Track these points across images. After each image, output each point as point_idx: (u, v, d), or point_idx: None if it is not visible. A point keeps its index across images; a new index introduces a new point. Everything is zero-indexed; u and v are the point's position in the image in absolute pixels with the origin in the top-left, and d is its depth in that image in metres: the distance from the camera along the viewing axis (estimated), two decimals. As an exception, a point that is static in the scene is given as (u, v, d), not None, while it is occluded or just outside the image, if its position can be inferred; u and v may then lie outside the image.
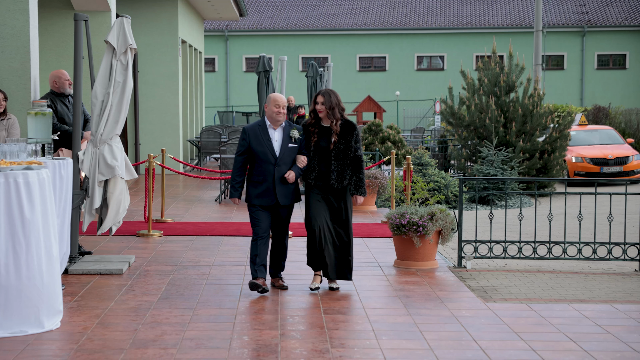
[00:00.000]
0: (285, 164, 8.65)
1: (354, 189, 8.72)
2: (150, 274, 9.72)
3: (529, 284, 9.43)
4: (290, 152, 8.67)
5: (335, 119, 8.67)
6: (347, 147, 8.67)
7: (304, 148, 8.75)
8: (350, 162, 8.69)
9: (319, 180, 8.70)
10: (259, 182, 8.65)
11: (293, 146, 8.68)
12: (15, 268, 7.15)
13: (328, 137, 8.70)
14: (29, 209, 7.19)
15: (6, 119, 9.96)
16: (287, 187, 8.68)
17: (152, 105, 23.16)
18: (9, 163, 7.44)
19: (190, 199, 17.48)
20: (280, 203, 8.67)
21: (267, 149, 8.60)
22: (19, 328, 7.16)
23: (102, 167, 9.91)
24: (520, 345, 6.93)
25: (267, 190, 8.64)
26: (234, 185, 8.72)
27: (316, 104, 8.73)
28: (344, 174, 8.66)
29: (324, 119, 8.74)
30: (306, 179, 8.77)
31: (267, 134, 8.64)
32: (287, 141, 8.66)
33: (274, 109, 8.64)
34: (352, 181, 8.70)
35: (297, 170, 8.70)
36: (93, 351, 6.66)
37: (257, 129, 8.67)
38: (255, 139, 8.63)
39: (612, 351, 6.76)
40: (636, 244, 10.32)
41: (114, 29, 9.91)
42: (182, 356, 6.53)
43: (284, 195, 8.67)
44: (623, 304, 8.48)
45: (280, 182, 8.63)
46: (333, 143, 8.66)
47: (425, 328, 7.44)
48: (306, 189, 8.84)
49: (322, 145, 8.70)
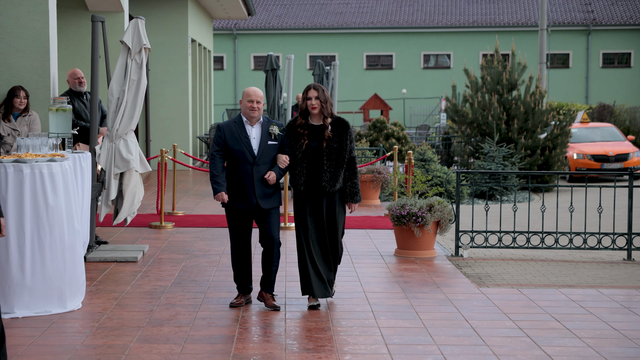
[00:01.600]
0: (265, 163, 7.85)
1: (348, 197, 7.99)
2: (164, 262, 10.28)
3: (521, 271, 9.97)
4: (270, 150, 7.87)
5: (327, 116, 7.91)
6: (341, 146, 7.89)
7: (286, 146, 7.95)
8: (344, 163, 7.92)
9: (309, 184, 7.90)
10: (236, 183, 7.85)
11: (273, 143, 7.89)
12: (40, 252, 7.71)
13: (319, 136, 7.89)
14: (52, 197, 7.75)
15: (28, 115, 10.51)
16: (268, 188, 7.87)
17: (163, 102, 23.75)
18: (34, 155, 7.99)
19: (200, 193, 18.04)
20: (261, 206, 7.86)
21: (244, 147, 7.81)
22: (44, 308, 7.72)
23: (118, 161, 10.47)
24: (508, 324, 7.47)
25: (245, 192, 7.83)
26: (216, 180, 7.84)
27: (308, 99, 7.90)
28: (337, 175, 7.87)
29: (314, 117, 7.94)
30: (294, 185, 7.94)
31: (245, 131, 7.85)
32: (267, 138, 7.87)
33: (247, 103, 7.85)
34: (346, 187, 7.98)
35: (278, 170, 7.89)
36: (113, 328, 7.23)
37: (233, 126, 7.88)
38: (231, 136, 7.84)
39: (593, 329, 7.31)
40: (624, 234, 10.87)
41: (129, 30, 10.46)
42: (195, 333, 7.08)
43: (264, 198, 7.86)
44: (608, 288, 9.02)
45: (260, 183, 7.84)
46: (325, 142, 7.87)
47: (421, 309, 7.98)
48: (294, 197, 8.04)
49: (313, 145, 7.89)
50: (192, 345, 6.72)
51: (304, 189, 7.90)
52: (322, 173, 7.85)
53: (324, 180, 7.85)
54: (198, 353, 6.52)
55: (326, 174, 7.86)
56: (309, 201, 7.93)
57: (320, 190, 7.88)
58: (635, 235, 10.91)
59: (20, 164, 7.69)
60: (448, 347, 6.75)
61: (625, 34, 51.11)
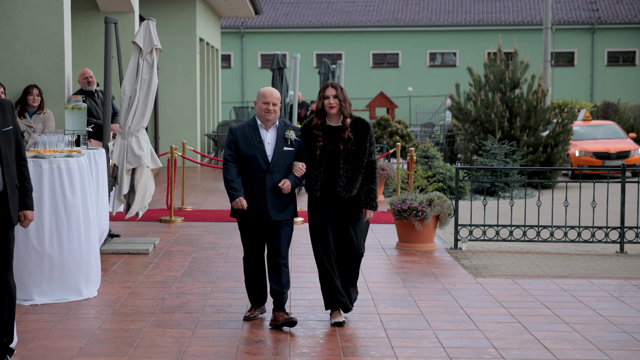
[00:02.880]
0: (280, 171, 7.26)
1: (364, 202, 7.34)
2: (174, 254, 10.71)
3: (517, 263, 10.38)
4: (286, 157, 7.28)
5: (347, 116, 7.37)
6: (359, 149, 7.30)
7: (303, 153, 7.37)
8: (362, 168, 7.32)
9: (325, 190, 7.32)
10: (248, 192, 7.27)
11: (289, 150, 7.29)
12: (58, 243, 8.15)
13: (336, 138, 7.32)
14: (70, 191, 8.19)
15: (43, 113, 10.94)
16: (281, 199, 7.29)
17: (171, 100, 24.20)
18: (52, 151, 8.43)
19: (208, 189, 18.48)
20: (272, 218, 7.27)
21: (257, 153, 7.23)
22: (61, 296, 8.17)
23: (130, 157, 10.91)
24: (501, 311, 7.89)
25: (257, 202, 7.25)
26: (232, 185, 7.25)
27: (326, 98, 7.33)
28: (354, 181, 7.28)
29: (332, 117, 7.39)
30: (310, 190, 7.37)
31: (258, 135, 7.27)
32: (282, 144, 7.27)
33: (262, 105, 7.27)
34: (362, 192, 7.35)
35: (294, 179, 7.30)
36: (127, 314, 7.67)
37: (247, 129, 7.30)
38: (244, 140, 7.25)
39: (581, 316, 7.73)
40: (617, 228, 11.29)
41: (141, 31, 10.89)
42: (205, 319, 7.52)
43: (276, 209, 7.27)
44: (599, 279, 9.43)
45: (272, 192, 7.26)
46: (343, 144, 7.29)
47: (419, 298, 8.40)
48: (309, 203, 7.49)
49: (330, 148, 7.32)
50: (202, 330, 7.15)
51: (320, 195, 7.33)
52: (337, 178, 7.27)
53: (339, 185, 7.26)
54: (208, 337, 6.95)
55: (342, 178, 7.27)
56: (326, 208, 7.36)
57: (335, 196, 7.31)
58: (628, 229, 11.35)
59: (39, 159, 8.13)
60: (443, 331, 7.17)
61: (630, 32, 51.40)
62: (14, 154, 5.92)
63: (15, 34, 10.89)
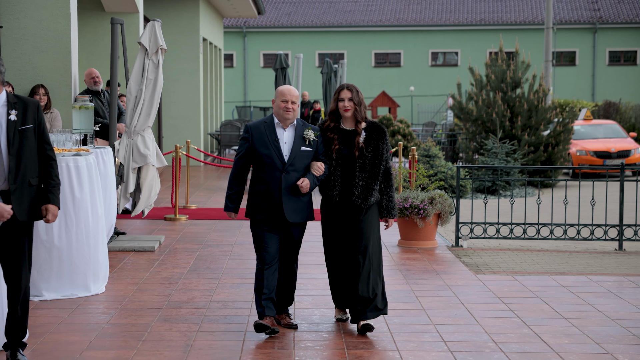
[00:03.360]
0: (296, 170, 7.01)
1: (385, 211, 7.18)
2: (179, 251, 10.88)
3: (517, 260, 10.55)
4: (303, 157, 7.04)
5: (360, 120, 7.12)
6: (376, 155, 7.05)
7: (321, 154, 7.12)
8: (379, 175, 7.07)
9: (341, 196, 7.08)
10: (263, 192, 7.02)
11: (306, 150, 7.04)
12: (67, 240, 8.32)
13: (351, 143, 7.09)
14: (78, 189, 8.36)
15: (50, 113, 11.11)
16: (298, 199, 7.04)
17: (175, 100, 24.38)
18: (61, 150, 8.60)
19: (211, 188, 18.65)
20: (289, 220, 7.03)
21: (273, 152, 6.99)
22: (70, 291, 8.34)
23: (136, 156, 11.08)
24: (501, 307, 8.06)
25: (273, 203, 7.00)
26: (230, 195, 7.11)
27: (340, 100, 7.09)
28: (370, 189, 7.04)
29: (346, 121, 7.13)
30: (328, 196, 7.13)
31: (275, 134, 7.03)
32: (300, 143, 7.04)
33: (280, 103, 7.03)
34: (382, 200, 7.17)
35: (312, 178, 7.03)
36: (135, 310, 7.84)
37: (263, 127, 7.06)
38: (260, 139, 7.02)
39: (579, 311, 7.90)
40: (616, 226, 11.46)
41: (146, 32, 11.06)
42: (211, 314, 7.68)
43: (293, 211, 7.03)
44: (597, 275, 9.60)
45: (288, 193, 6.99)
46: (358, 150, 7.05)
47: (420, 294, 8.57)
48: (323, 206, 7.23)
49: (345, 153, 7.08)
50: (209, 324, 7.32)
51: (337, 200, 7.09)
52: (352, 187, 7.04)
53: (354, 194, 7.02)
54: (214, 331, 7.12)
55: (357, 187, 7.02)
56: (341, 214, 7.12)
57: (350, 204, 7.07)
58: (626, 227, 11.51)
59: (48, 158, 8.29)
60: (444, 326, 7.33)
61: (631, 32, 51.56)
62: (35, 152, 6.04)
63: (22, 35, 11.07)
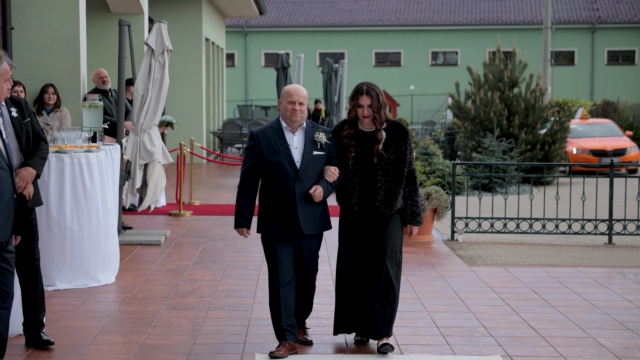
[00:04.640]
0: (310, 178, 6.42)
1: (409, 218, 6.56)
2: (184, 245, 11.29)
3: (510, 253, 10.96)
4: (316, 162, 6.44)
5: (379, 127, 6.52)
6: (398, 157, 6.46)
7: (334, 157, 6.53)
8: (403, 178, 6.48)
9: (361, 204, 6.50)
10: (275, 203, 6.44)
11: (319, 154, 6.45)
12: (79, 232, 8.72)
13: (371, 145, 6.50)
14: (90, 184, 8.76)
15: (59, 111, 11.52)
16: (313, 209, 6.45)
17: (178, 99, 24.80)
18: (73, 147, 9.00)
19: (214, 185, 19.06)
20: (304, 232, 6.44)
21: (284, 159, 6.38)
22: (82, 282, 8.75)
23: (142, 153, 11.49)
24: (492, 296, 8.47)
25: (287, 215, 6.41)
26: (240, 210, 6.47)
27: (360, 106, 6.47)
28: (394, 194, 6.44)
29: (364, 122, 6.54)
30: (345, 204, 6.54)
31: (284, 139, 6.42)
32: (312, 147, 6.44)
33: (287, 105, 6.42)
34: (407, 206, 6.55)
35: (326, 185, 6.45)
36: (144, 298, 8.25)
37: (270, 133, 6.45)
38: (268, 146, 6.41)
39: (566, 300, 8.31)
40: (606, 220, 11.88)
41: (153, 33, 11.46)
42: (216, 302, 8.09)
43: (308, 221, 6.44)
44: (587, 267, 10.01)
45: (303, 201, 6.41)
46: (378, 153, 6.46)
47: (416, 284, 8.97)
48: (342, 217, 6.66)
49: (363, 157, 6.51)
50: (214, 312, 7.73)
51: (357, 210, 6.52)
52: (375, 192, 6.45)
53: (377, 200, 6.44)
54: (220, 318, 7.53)
55: (380, 192, 6.43)
56: (361, 224, 6.55)
57: (373, 211, 6.50)
58: (616, 221, 11.93)
59: (61, 154, 8.71)
60: (437, 313, 7.74)
61: (630, 31, 51.94)
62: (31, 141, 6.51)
63: (33, 36, 11.47)
